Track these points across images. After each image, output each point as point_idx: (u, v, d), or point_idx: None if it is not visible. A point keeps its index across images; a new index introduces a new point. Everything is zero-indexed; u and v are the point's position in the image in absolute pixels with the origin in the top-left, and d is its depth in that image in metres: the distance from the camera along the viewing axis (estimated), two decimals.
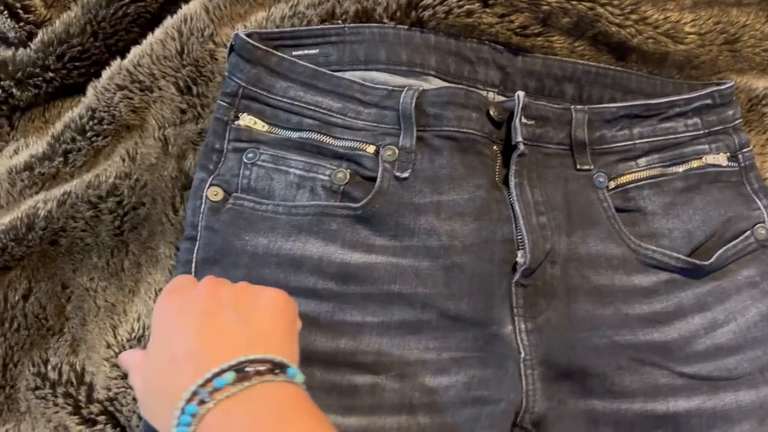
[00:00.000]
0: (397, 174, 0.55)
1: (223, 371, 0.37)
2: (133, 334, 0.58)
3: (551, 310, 0.53)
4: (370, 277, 0.52)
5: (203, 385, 0.37)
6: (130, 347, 0.58)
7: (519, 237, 0.54)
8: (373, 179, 0.55)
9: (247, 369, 0.37)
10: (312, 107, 0.57)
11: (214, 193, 0.55)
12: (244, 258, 0.53)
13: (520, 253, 0.54)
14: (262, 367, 0.38)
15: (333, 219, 0.54)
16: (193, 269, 0.53)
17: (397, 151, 0.55)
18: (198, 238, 0.54)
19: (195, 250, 0.53)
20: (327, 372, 0.50)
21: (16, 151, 0.67)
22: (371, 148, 0.56)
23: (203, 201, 0.55)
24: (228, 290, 0.43)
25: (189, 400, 0.37)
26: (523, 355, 0.51)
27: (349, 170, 0.55)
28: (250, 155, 0.56)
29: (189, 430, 0.36)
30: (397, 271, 0.53)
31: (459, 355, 0.51)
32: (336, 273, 0.52)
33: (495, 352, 0.51)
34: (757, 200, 0.60)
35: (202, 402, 0.36)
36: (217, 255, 0.53)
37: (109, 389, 0.57)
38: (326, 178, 0.55)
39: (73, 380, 0.58)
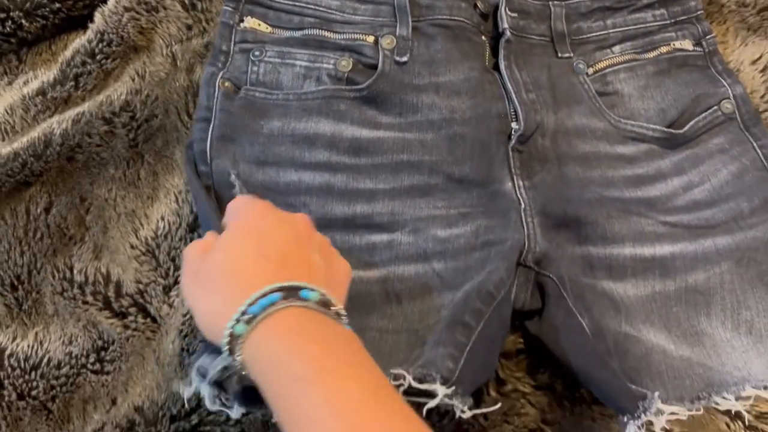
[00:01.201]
0: (397, 59, 0.60)
1: (304, 288, 0.39)
2: (159, 232, 0.61)
3: (545, 171, 0.58)
4: (380, 149, 0.57)
5: (281, 290, 0.39)
6: (156, 245, 0.61)
7: (512, 112, 0.59)
8: (375, 66, 0.59)
9: (326, 298, 0.40)
10: (312, 6, 0.62)
11: (225, 84, 0.58)
12: (260, 137, 0.57)
13: (514, 124, 0.59)
14: (331, 302, 0.41)
15: (341, 101, 0.58)
16: (208, 146, 0.56)
17: (395, 40, 0.60)
18: (213, 118, 0.57)
19: (210, 129, 0.56)
20: (346, 234, 0.55)
21: (25, 83, 0.70)
22: (371, 38, 0.60)
23: (216, 88, 0.58)
24: (319, 238, 0.47)
25: (264, 295, 0.39)
26: (523, 206, 0.56)
27: (351, 59, 0.60)
28: (256, 53, 0.60)
29: (247, 329, 0.38)
30: (404, 143, 0.57)
31: (466, 210, 0.56)
32: (348, 147, 0.57)
33: (498, 205, 0.56)
34: (721, 80, 0.66)
35: (272, 303, 0.39)
36: (234, 133, 0.57)
37: (140, 282, 0.60)
38: (331, 66, 0.59)
39: (101, 280, 0.61)
